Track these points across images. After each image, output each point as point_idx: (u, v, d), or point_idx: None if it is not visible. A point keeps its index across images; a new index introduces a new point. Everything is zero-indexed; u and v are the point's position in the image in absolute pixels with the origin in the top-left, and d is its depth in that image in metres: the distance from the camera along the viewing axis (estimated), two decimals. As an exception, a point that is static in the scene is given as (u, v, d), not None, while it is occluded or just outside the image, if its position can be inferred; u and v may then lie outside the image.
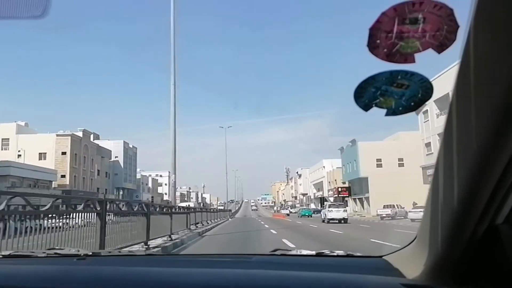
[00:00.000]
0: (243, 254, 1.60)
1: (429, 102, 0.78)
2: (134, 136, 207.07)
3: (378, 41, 0.70)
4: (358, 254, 1.52)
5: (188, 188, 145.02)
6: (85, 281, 1.13)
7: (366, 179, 51.58)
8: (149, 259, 1.65)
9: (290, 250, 1.65)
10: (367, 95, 0.77)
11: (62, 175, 48.89)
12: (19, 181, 41.21)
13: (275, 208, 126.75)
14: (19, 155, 48.06)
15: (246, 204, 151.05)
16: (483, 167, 0.63)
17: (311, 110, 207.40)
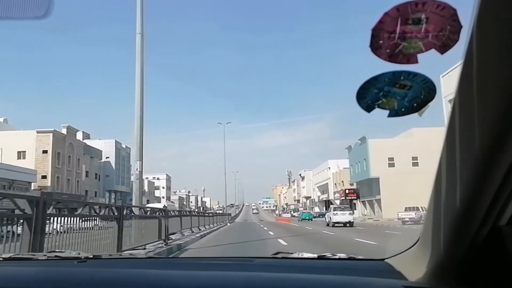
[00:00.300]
0: (245, 257, 1.61)
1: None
2: (134, 140, 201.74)
3: (381, 41, 0.70)
4: (360, 257, 1.53)
5: (188, 191, 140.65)
6: (85, 283, 1.14)
7: (377, 180, 47.42)
8: (149, 262, 1.66)
9: (292, 253, 1.63)
10: (370, 96, 0.76)
11: (43, 176, 44.01)
12: (-9, 181, 36.27)
13: (276, 212, 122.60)
14: (-5, 153, 43.12)
15: (247, 208, 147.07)
16: (486, 168, 0.63)
17: (312, 113, 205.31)
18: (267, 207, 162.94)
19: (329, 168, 73.56)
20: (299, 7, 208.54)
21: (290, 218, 53.81)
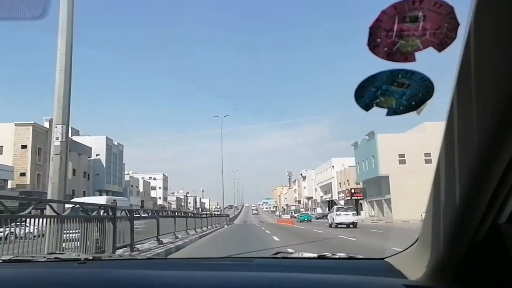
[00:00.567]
0: (245, 258, 1.65)
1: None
2: (134, 141, 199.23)
3: (379, 39, 0.70)
4: (360, 256, 1.53)
5: (186, 192, 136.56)
6: (85, 285, 1.14)
7: (387, 178, 43.60)
8: (149, 262, 1.66)
9: (292, 252, 1.65)
10: (368, 94, 0.76)
11: (22, 173, 39.90)
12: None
13: (277, 213, 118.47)
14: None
15: (247, 209, 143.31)
16: (484, 166, 0.63)
17: (311, 114, 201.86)
18: (267, 208, 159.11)
19: (332, 166, 69.35)
20: (299, 8, 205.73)
21: (294, 220, 49.67)
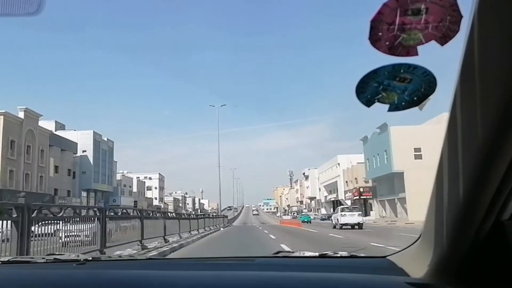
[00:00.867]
0: (246, 257, 1.60)
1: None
2: (135, 143, 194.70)
3: (380, 33, 0.68)
4: (362, 254, 1.53)
5: (184, 193, 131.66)
6: (85, 286, 1.13)
7: (401, 175, 39.45)
8: (150, 263, 1.64)
9: (293, 252, 1.66)
10: (370, 90, 0.75)
11: (-9, 169, 35.02)
12: None
13: (278, 214, 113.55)
14: None
15: (247, 210, 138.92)
16: (487, 162, 0.62)
17: (312, 115, 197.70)
18: (267, 209, 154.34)
19: (338, 164, 64.70)
20: (300, 8, 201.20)
21: (299, 221, 44.66)
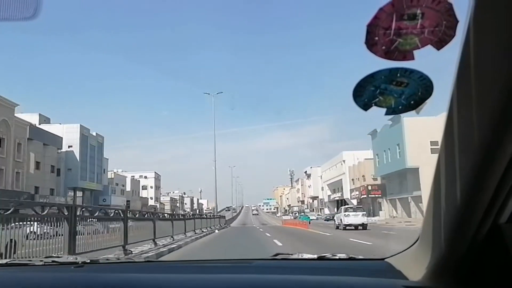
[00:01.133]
0: (244, 259, 1.59)
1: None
2: (135, 143, 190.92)
3: (376, 38, 0.68)
4: (361, 257, 1.51)
5: (182, 193, 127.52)
6: None
7: (415, 171, 35.95)
8: (147, 266, 1.63)
9: (292, 254, 1.62)
10: (367, 94, 0.75)
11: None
12: None
13: (278, 214, 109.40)
14: None
15: (247, 210, 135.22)
16: (485, 165, 0.62)
17: (311, 115, 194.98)
18: (267, 209, 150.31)
19: (343, 161, 60.49)
20: (298, 9, 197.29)
21: (304, 222, 40.38)
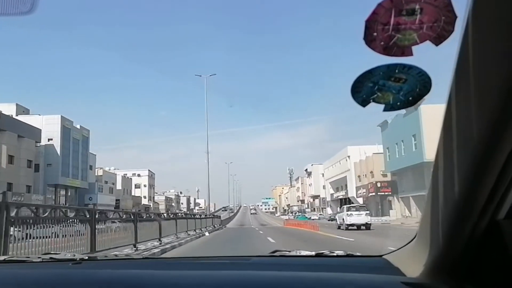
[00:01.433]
0: (241, 256, 1.59)
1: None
2: (134, 144, 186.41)
3: (375, 33, 0.68)
4: (358, 253, 1.52)
5: (179, 192, 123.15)
6: (80, 286, 1.13)
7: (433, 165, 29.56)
8: (145, 262, 1.63)
9: (290, 251, 1.62)
10: (365, 90, 0.75)
11: None
12: None
13: (277, 214, 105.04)
14: None
15: (245, 209, 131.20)
16: (483, 161, 0.62)
17: (310, 115, 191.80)
18: (266, 209, 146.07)
19: (348, 157, 56.10)
20: (296, 8, 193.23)
21: (315, 223, 35.68)
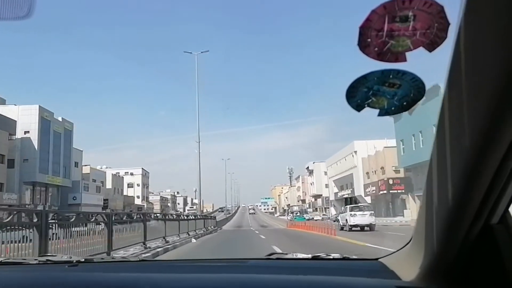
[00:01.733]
0: (238, 259, 1.59)
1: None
2: (134, 144, 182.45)
3: (369, 39, 0.69)
4: (354, 257, 1.52)
5: (175, 192, 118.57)
6: None
7: None
8: (142, 265, 1.62)
9: (286, 254, 1.62)
10: (360, 95, 0.76)
11: None
12: None
13: (276, 214, 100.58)
14: None
15: (243, 210, 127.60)
16: (476, 167, 0.63)
17: (309, 116, 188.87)
18: (265, 209, 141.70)
19: (355, 152, 51.62)
20: (294, 8, 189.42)
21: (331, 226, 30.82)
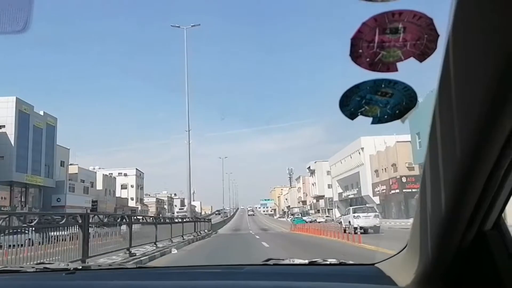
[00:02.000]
0: (235, 265, 1.57)
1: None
2: (134, 146, 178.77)
3: (360, 50, 0.71)
4: (351, 262, 1.52)
5: (172, 193, 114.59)
6: None
7: None
8: (139, 272, 1.61)
9: (283, 259, 1.61)
10: (353, 103, 0.78)
11: None
12: None
13: (276, 216, 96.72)
14: None
15: (242, 212, 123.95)
16: (469, 173, 0.64)
17: (305, 118, 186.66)
18: (264, 211, 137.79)
19: (361, 149, 47.81)
20: (290, 9, 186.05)
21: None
